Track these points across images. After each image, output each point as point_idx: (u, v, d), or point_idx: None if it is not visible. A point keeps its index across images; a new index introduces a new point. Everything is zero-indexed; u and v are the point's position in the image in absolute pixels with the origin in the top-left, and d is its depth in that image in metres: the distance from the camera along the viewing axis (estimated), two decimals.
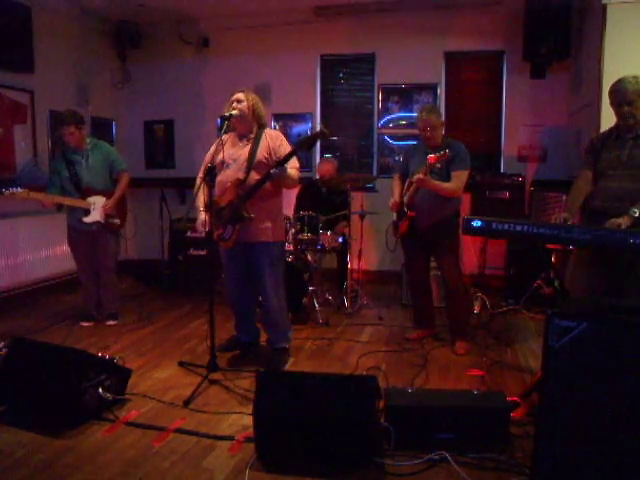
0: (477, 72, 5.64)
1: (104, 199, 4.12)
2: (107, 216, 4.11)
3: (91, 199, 4.08)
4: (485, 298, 4.61)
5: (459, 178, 3.53)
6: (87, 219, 4.07)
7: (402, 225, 3.71)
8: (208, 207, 3.14)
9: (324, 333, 4.08)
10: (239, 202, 3.17)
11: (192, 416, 2.71)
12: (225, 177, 3.26)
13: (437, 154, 3.32)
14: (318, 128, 3.86)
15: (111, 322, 4.30)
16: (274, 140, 3.28)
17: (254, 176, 3.20)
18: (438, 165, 3.38)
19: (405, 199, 3.67)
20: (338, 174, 5.05)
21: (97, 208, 4.09)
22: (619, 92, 2.74)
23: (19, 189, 3.88)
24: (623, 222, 2.54)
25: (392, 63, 5.68)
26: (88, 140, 4.17)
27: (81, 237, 4.17)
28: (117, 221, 4.18)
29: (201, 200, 3.31)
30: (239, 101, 3.26)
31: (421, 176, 3.40)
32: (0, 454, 2.35)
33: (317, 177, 5.38)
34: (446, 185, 3.51)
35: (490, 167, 5.49)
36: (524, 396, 2.70)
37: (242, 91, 3.31)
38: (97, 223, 4.10)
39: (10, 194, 3.85)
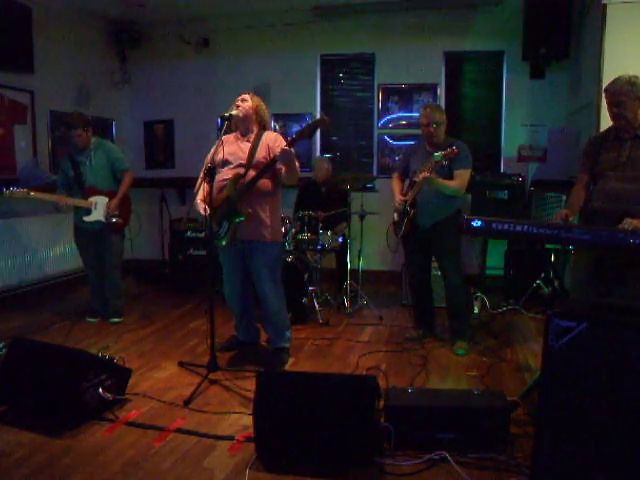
0: (477, 72, 5.64)
1: (107, 199, 4.17)
2: (110, 215, 4.15)
3: (93, 199, 4.14)
4: (485, 298, 4.61)
5: (462, 177, 3.53)
6: (88, 218, 4.14)
7: (406, 224, 3.70)
8: (207, 205, 3.14)
9: (324, 333, 4.08)
10: (236, 197, 3.18)
11: (192, 416, 2.71)
12: (224, 175, 3.27)
13: (445, 151, 3.32)
14: (318, 116, 3.84)
15: (115, 319, 4.35)
16: (273, 141, 3.30)
17: (252, 174, 3.22)
18: (444, 162, 3.37)
19: (407, 198, 3.67)
20: (337, 173, 5.04)
21: (99, 208, 4.14)
22: (610, 92, 2.72)
23: (18, 188, 3.96)
24: (639, 223, 2.52)
25: (392, 63, 5.67)
26: (93, 140, 4.22)
27: (85, 236, 4.25)
28: (120, 220, 4.22)
29: (200, 197, 3.31)
30: (244, 100, 3.32)
31: (427, 174, 3.39)
32: (0, 454, 2.35)
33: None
34: (450, 183, 3.51)
35: (490, 167, 5.49)
36: (523, 396, 2.70)
37: (248, 92, 3.38)
38: (99, 222, 4.15)
39: (10, 193, 3.93)
